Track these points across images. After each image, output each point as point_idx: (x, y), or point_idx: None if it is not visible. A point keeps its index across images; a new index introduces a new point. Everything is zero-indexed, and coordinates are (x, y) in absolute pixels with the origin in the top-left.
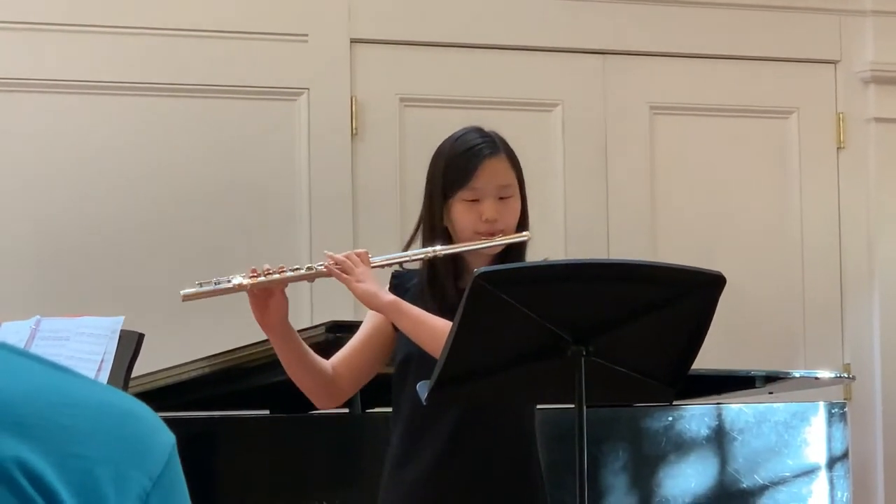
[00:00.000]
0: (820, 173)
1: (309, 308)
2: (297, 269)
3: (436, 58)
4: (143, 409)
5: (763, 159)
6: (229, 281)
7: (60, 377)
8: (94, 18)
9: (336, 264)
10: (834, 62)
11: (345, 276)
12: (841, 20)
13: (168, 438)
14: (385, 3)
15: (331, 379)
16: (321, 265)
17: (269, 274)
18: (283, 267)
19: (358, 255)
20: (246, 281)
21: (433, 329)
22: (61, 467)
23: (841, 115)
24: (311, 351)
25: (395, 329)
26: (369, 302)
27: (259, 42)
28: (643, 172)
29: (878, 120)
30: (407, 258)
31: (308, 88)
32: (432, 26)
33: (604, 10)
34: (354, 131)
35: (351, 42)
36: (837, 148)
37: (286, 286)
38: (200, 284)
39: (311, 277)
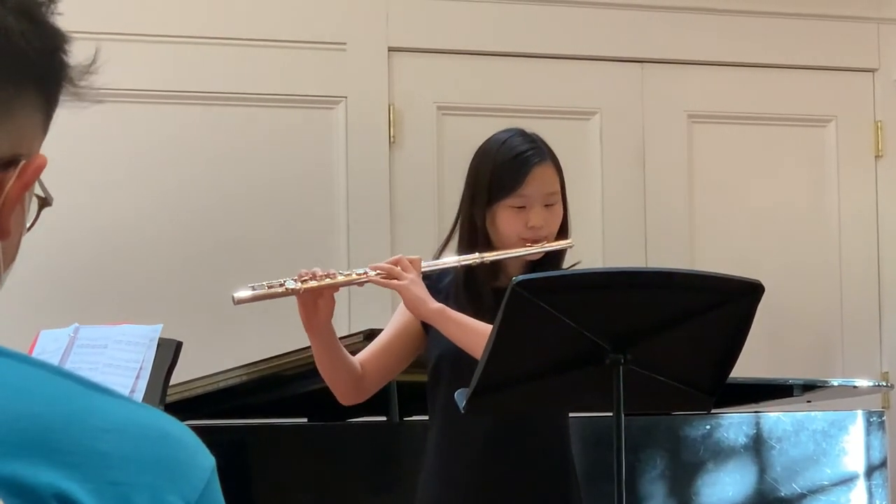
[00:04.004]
0: (858, 181)
1: (347, 316)
2: (348, 273)
3: (473, 66)
4: (182, 431)
5: (801, 167)
6: (282, 284)
7: (99, 399)
8: (131, 27)
9: (385, 272)
10: (872, 70)
11: (395, 281)
12: (879, 28)
13: (207, 461)
14: (422, 11)
15: (360, 376)
16: (372, 271)
17: (320, 278)
18: (332, 271)
19: (410, 261)
20: (297, 285)
21: (480, 334)
22: (99, 495)
23: (879, 124)
24: (344, 350)
25: (426, 330)
26: (417, 308)
27: (297, 51)
28: (681, 180)
29: None
30: (456, 263)
31: (346, 97)
32: (469, 35)
33: (641, 18)
34: (392, 139)
35: (388, 50)
36: (875, 156)
37: (337, 290)
38: (253, 288)
39: (361, 283)
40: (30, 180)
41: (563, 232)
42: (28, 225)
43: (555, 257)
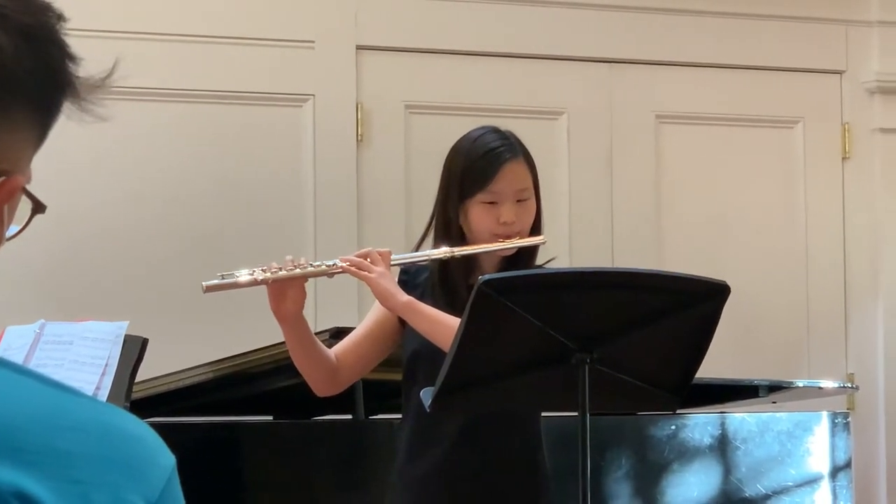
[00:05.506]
0: (825, 183)
1: (313, 312)
2: (317, 265)
3: (441, 65)
4: (143, 430)
5: (768, 168)
6: (251, 274)
7: (62, 398)
8: (95, 23)
9: (354, 264)
10: (840, 72)
11: (363, 273)
12: (847, 30)
13: (168, 461)
14: (391, 10)
15: (334, 368)
16: (341, 262)
17: (289, 269)
18: (302, 261)
19: (380, 254)
20: (266, 275)
21: (449, 328)
22: (60, 493)
23: (846, 126)
24: (318, 341)
25: (402, 325)
26: (386, 301)
27: (266, 48)
28: (648, 181)
29: (884, 130)
30: (426, 258)
31: (314, 95)
32: (438, 34)
33: (610, 18)
34: (360, 138)
35: (357, 49)
36: (843, 158)
37: (305, 281)
38: (222, 276)
39: (330, 274)
40: (3, 198)
41: (536, 228)
42: (14, 233)
43: (528, 253)
